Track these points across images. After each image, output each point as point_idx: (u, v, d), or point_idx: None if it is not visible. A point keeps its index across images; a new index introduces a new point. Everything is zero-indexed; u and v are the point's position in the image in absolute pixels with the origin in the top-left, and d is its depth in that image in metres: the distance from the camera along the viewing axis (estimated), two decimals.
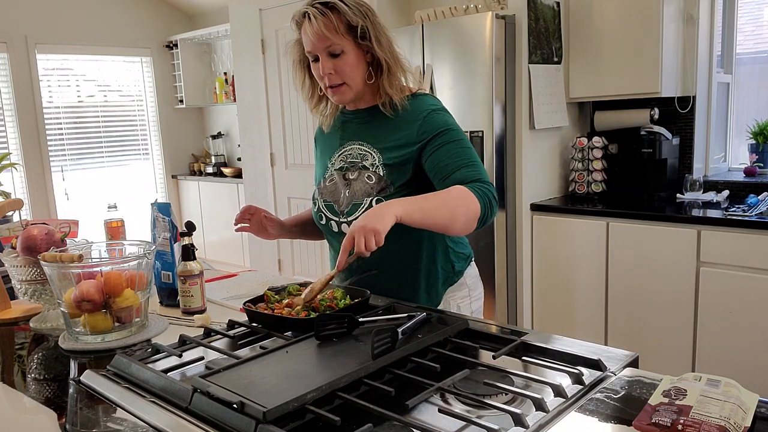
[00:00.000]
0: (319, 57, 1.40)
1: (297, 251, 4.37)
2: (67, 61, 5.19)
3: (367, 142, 1.48)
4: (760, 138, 3.12)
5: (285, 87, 4.18)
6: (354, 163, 1.49)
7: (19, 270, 1.43)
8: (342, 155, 1.52)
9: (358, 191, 1.45)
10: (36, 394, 1.08)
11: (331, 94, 1.45)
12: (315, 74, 1.45)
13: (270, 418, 0.81)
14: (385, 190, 1.42)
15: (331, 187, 1.52)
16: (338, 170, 1.51)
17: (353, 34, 1.38)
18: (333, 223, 1.50)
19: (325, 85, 1.44)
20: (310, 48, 1.40)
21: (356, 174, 1.47)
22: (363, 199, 1.44)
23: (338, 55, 1.39)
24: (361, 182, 1.45)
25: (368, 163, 1.46)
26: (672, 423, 0.80)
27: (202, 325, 1.35)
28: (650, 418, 0.82)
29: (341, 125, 1.55)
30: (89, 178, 5.38)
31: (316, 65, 1.43)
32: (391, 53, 1.43)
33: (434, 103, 1.48)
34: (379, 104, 1.46)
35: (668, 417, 0.81)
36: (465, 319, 1.19)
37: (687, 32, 3.03)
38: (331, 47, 1.38)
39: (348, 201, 1.47)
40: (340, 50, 1.39)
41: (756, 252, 2.44)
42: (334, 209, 1.50)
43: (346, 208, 1.47)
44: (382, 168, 1.44)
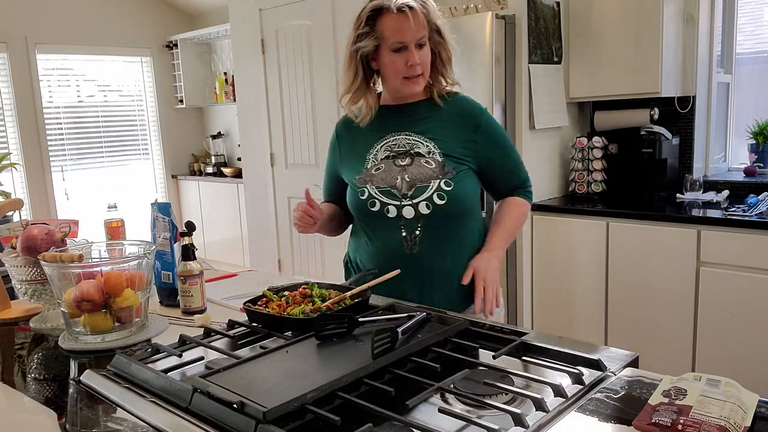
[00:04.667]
0: (407, 47, 1.47)
1: (297, 251, 4.37)
2: (67, 61, 5.19)
3: (416, 133, 1.55)
4: (760, 138, 3.12)
5: (285, 87, 4.18)
6: (403, 151, 1.54)
7: (19, 270, 1.42)
8: (386, 146, 1.56)
9: (420, 175, 1.50)
10: (36, 394, 1.08)
11: (408, 84, 1.52)
12: (394, 65, 1.49)
13: (270, 418, 0.81)
14: (448, 174, 1.51)
15: (381, 175, 1.53)
16: (385, 159, 1.55)
17: (431, 28, 1.51)
18: (391, 208, 1.51)
19: (404, 76, 1.50)
20: (403, 38, 1.46)
21: (408, 160, 1.52)
22: (429, 182, 1.49)
23: (422, 47, 1.50)
24: (420, 167, 1.51)
25: (423, 151, 1.53)
26: (672, 423, 0.80)
27: (202, 325, 1.35)
28: (650, 417, 0.82)
29: (380, 119, 1.59)
30: (89, 178, 5.38)
31: (399, 56, 1.48)
32: (450, 49, 1.56)
33: (477, 102, 1.63)
34: (431, 97, 1.57)
35: (668, 417, 0.81)
36: (465, 319, 1.19)
37: (687, 32, 3.03)
38: (423, 38, 1.49)
39: (409, 185, 1.50)
40: (425, 42, 1.50)
41: (756, 252, 2.44)
42: (393, 194, 1.51)
43: (408, 191, 1.50)
44: (440, 155, 1.52)
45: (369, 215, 1.55)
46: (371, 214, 1.54)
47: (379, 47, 1.50)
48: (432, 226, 1.51)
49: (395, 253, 1.52)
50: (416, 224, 1.50)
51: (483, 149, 1.55)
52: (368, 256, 1.59)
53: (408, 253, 1.51)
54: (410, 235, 1.51)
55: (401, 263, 1.48)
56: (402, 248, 1.51)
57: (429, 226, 1.50)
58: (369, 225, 1.58)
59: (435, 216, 1.49)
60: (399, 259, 1.50)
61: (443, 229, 1.52)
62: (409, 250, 1.51)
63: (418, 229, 1.51)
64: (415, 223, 1.50)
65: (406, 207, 1.50)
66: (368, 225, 1.58)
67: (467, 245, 1.57)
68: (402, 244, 1.51)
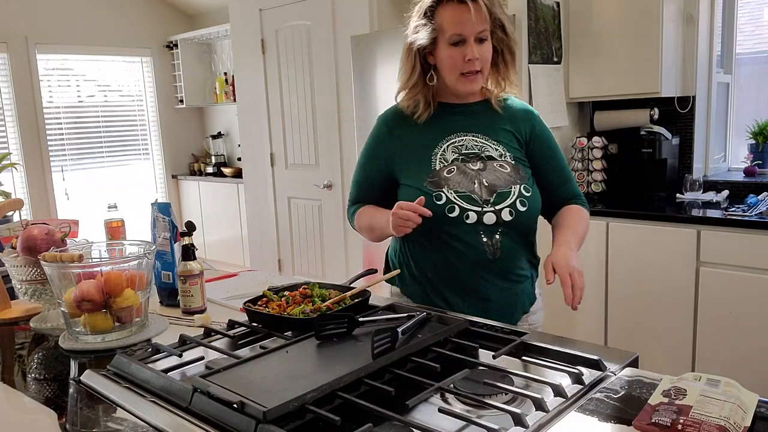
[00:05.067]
0: (466, 41, 1.40)
1: (297, 251, 4.37)
2: (67, 61, 5.19)
3: (482, 134, 1.49)
4: (760, 138, 3.12)
5: (285, 87, 4.18)
6: (474, 154, 1.47)
7: (20, 270, 1.43)
8: (452, 146, 1.48)
9: (498, 180, 1.44)
10: (36, 394, 1.08)
11: (465, 81, 1.44)
12: (451, 60, 1.42)
13: (270, 418, 0.81)
14: (525, 178, 1.47)
15: (457, 178, 1.44)
16: (456, 161, 1.46)
17: (492, 24, 1.42)
18: (471, 214, 1.42)
19: (460, 72, 1.43)
20: (462, 30, 1.39)
21: (481, 164, 1.45)
22: (510, 187, 1.43)
23: (483, 42, 1.42)
24: (495, 172, 1.45)
25: (494, 154, 1.47)
26: (672, 423, 0.80)
27: (202, 325, 1.35)
28: (650, 417, 0.82)
29: (440, 117, 1.51)
30: (89, 178, 5.38)
31: (457, 50, 1.41)
32: (514, 47, 1.48)
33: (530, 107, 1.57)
34: (491, 98, 1.51)
35: (668, 417, 0.81)
36: (465, 319, 1.19)
37: (687, 32, 3.03)
38: (484, 32, 1.41)
39: (489, 190, 1.43)
40: (486, 37, 1.42)
41: (756, 252, 2.44)
42: (473, 199, 1.42)
43: (489, 197, 1.43)
44: (511, 158, 1.47)
45: (444, 221, 1.42)
46: (447, 220, 1.42)
47: (436, 40, 1.42)
48: (511, 231, 1.44)
49: (477, 259, 1.44)
50: (496, 230, 1.43)
51: (539, 155, 1.51)
52: (441, 264, 1.47)
53: (491, 258, 1.44)
54: (491, 240, 1.43)
55: (484, 269, 1.44)
56: (485, 254, 1.43)
57: (508, 231, 1.44)
58: (441, 231, 1.44)
59: (515, 222, 1.43)
60: (481, 266, 1.44)
61: (520, 233, 1.47)
62: (492, 255, 1.43)
63: (498, 234, 1.43)
64: (495, 229, 1.43)
65: (488, 213, 1.42)
66: (440, 231, 1.44)
67: (535, 249, 1.56)
68: (485, 250, 1.43)
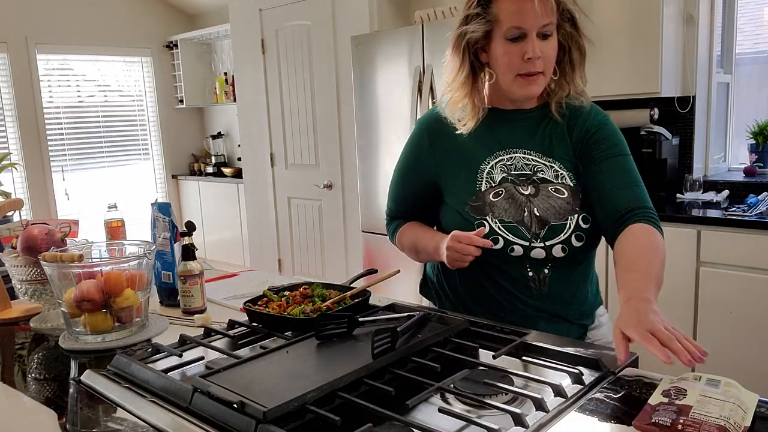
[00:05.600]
0: (526, 36, 1.19)
1: (297, 251, 4.37)
2: (67, 61, 5.20)
3: (535, 151, 1.29)
4: (760, 138, 3.12)
5: (285, 87, 4.18)
6: (524, 176, 1.27)
7: (20, 270, 1.43)
8: (501, 164, 1.28)
9: (551, 210, 1.24)
10: (36, 394, 1.08)
11: (523, 84, 1.22)
12: (507, 57, 1.20)
13: (270, 418, 0.81)
14: (584, 206, 1.25)
15: (503, 204, 1.25)
16: (504, 182, 1.27)
17: (560, 17, 1.22)
18: (517, 247, 1.24)
19: (518, 73, 1.21)
20: (523, 23, 1.18)
21: (532, 189, 1.26)
22: (565, 218, 1.23)
23: (547, 38, 1.20)
24: (549, 199, 1.25)
25: (549, 175, 1.26)
26: (672, 423, 0.80)
27: (202, 324, 1.35)
28: (650, 417, 0.82)
29: (488, 126, 1.31)
30: (89, 178, 5.38)
31: (515, 46, 1.19)
32: (585, 43, 1.25)
33: (602, 111, 1.32)
34: (551, 103, 1.28)
35: (668, 417, 0.81)
36: (465, 319, 1.19)
37: (687, 32, 3.03)
38: (549, 26, 1.19)
39: (540, 222, 1.23)
40: (551, 32, 1.20)
41: (756, 252, 2.44)
42: (520, 232, 1.24)
43: (539, 230, 1.23)
44: (571, 179, 1.26)
45: (487, 251, 1.23)
46: (490, 251, 1.24)
47: (491, 34, 1.22)
48: (563, 266, 1.27)
49: (521, 295, 1.28)
50: (545, 265, 1.26)
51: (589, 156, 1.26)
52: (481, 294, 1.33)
53: (536, 294, 1.28)
54: (538, 276, 1.26)
55: (527, 306, 1.28)
56: (530, 289, 1.27)
57: (559, 266, 1.27)
58: (483, 261, 1.25)
59: (569, 258, 1.25)
60: (523, 302, 1.28)
61: (574, 267, 1.29)
62: (537, 291, 1.27)
63: (547, 269, 1.26)
64: (544, 264, 1.26)
65: (536, 249, 1.24)
66: (482, 260, 1.24)
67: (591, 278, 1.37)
68: (530, 285, 1.27)
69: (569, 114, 1.30)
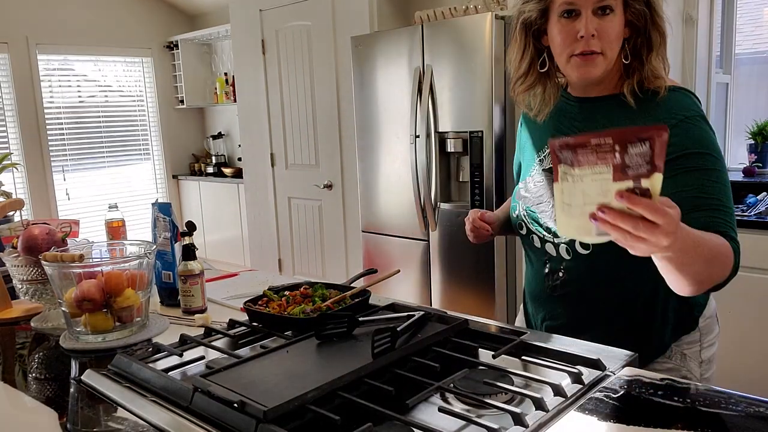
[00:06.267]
0: (581, 12, 1.09)
1: (297, 251, 4.38)
2: (67, 62, 5.20)
3: None
4: (759, 138, 3.12)
5: (285, 87, 4.18)
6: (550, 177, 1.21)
7: (20, 270, 1.43)
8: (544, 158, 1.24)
9: None
10: (37, 394, 1.08)
11: (579, 64, 1.11)
12: (561, 36, 1.11)
13: (270, 417, 0.82)
14: None
15: (536, 191, 1.22)
16: (547, 171, 1.23)
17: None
18: (535, 238, 1.22)
19: (572, 52, 1.11)
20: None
21: None
22: None
23: (606, 14, 1.09)
24: None
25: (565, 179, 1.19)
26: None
27: (202, 324, 1.35)
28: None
29: (557, 114, 1.24)
30: (90, 178, 5.39)
31: (568, 24, 1.10)
32: (663, 26, 1.12)
33: (693, 106, 1.12)
34: (624, 91, 1.13)
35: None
36: (465, 319, 1.19)
37: (686, 32, 3.03)
38: (606, 1, 1.08)
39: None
40: (611, 8, 1.09)
41: (755, 252, 2.44)
42: (540, 222, 1.21)
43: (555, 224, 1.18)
44: None
45: (519, 235, 1.26)
46: (520, 236, 1.26)
47: (547, 14, 1.13)
48: (578, 273, 1.18)
49: (536, 288, 1.26)
50: (560, 265, 1.19)
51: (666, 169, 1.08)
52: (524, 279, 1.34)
53: (548, 294, 1.23)
54: (552, 275, 1.21)
55: (540, 303, 1.24)
56: (543, 286, 1.23)
57: (574, 272, 1.18)
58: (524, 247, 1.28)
59: (579, 264, 1.17)
60: (538, 298, 1.25)
61: (593, 282, 1.18)
62: (549, 290, 1.22)
63: (561, 272, 1.20)
64: (558, 264, 1.19)
65: (549, 243, 1.20)
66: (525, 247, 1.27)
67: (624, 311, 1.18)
68: (544, 282, 1.23)
69: (644, 104, 1.13)
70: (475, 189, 2.99)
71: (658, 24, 1.12)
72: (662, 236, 0.78)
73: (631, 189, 0.77)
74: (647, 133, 0.74)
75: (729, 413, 0.86)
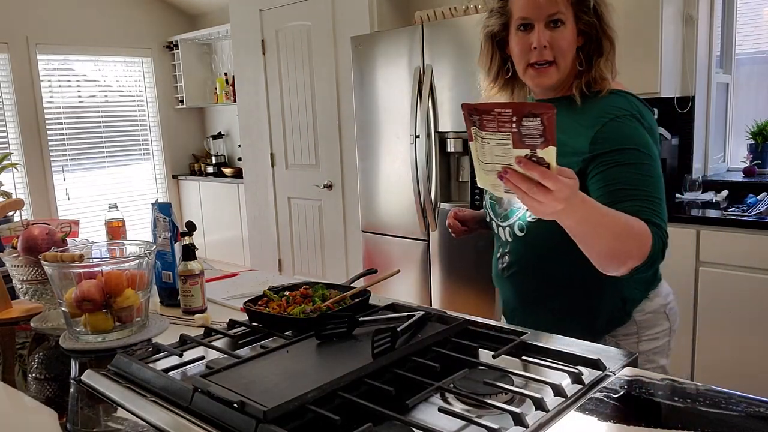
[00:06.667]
0: (534, 25, 1.20)
1: (297, 251, 4.38)
2: (67, 62, 5.20)
3: None
4: (759, 138, 3.12)
5: (285, 87, 4.18)
6: None
7: (20, 270, 1.43)
8: None
9: None
10: (37, 394, 1.08)
11: (533, 75, 1.23)
12: (518, 48, 1.23)
13: (270, 418, 0.82)
14: None
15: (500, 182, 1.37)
16: None
17: (579, 5, 1.20)
18: (494, 224, 1.36)
19: (528, 62, 1.22)
20: (528, 13, 1.20)
21: None
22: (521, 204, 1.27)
23: (558, 27, 1.19)
24: None
25: None
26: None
27: (202, 324, 1.35)
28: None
29: None
30: (90, 178, 5.39)
31: (524, 36, 1.21)
32: (612, 35, 1.22)
33: (627, 105, 1.21)
34: (573, 92, 1.23)
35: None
36: (465, 319, 1.19)
37: (686, 32, 3.03)
38: (557, 15, 1.18)
39: (508, 204, 1.30)
40: (562, 20, 1.19)
41: (755, 252, 2.44)
42: (495, 209, 1.35)
43: (503, 211, 1.30)
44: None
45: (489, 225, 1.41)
46: (489, 225, 1.41)
47: (509, 27, 1.25)
48: (519, 254, 1.29)
49: (495, 272, 1.39)
50: (506, 248, 1.32)
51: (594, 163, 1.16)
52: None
53: (501, 277, 1.36)
54: (502, 258, 1.34)
55: (499, 286, 1.38)
56: (498, 269, 1.37)
57: (515, 254, 1.30)
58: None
59: (521, 248, 1.28)
60: (497, 282, 1.38)
61: (532, 265, 1.29)
62: (501, 273, 1.35)
63: (507, 255, 1.32)
64: (505, 247, 1.32)
65: (500, 228, 1.33)
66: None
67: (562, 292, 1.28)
68: (498, 265, 1.36)
69: (587, 103, 1.22)
70: (475, 189, 2.99)
71: (608, 33, 1.22)
72: (554, 201, 0.90)
73: (529, 156, 0.88)
74: (538, 110, 0.84)
75: (729, 413, 0.86)
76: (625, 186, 1.12)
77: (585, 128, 1.19)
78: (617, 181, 1.13)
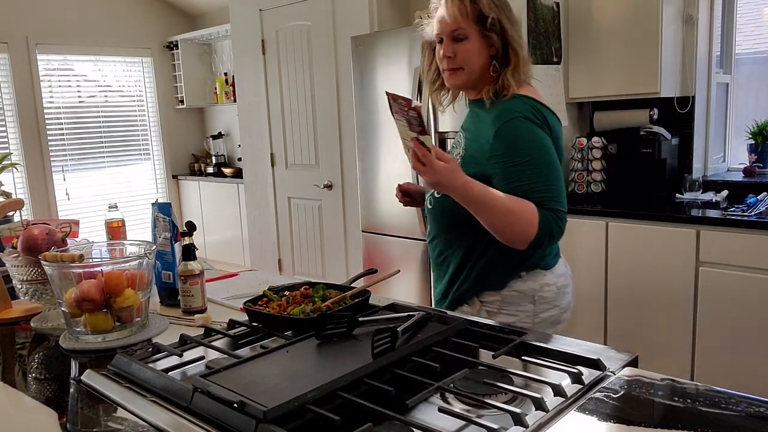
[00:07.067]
0: (444, 39, 1.47)
1: (297, 251, 4.38)
2: (67, 62, 5.20)
3: (466, 131, 1.55)
4: (759, 138, 3.12)
5: (285, 87, 4.18)
6: (453, 151, 1.57)
7: (20, 270, 1.43)
8: (456, 139, 1.61)
9: None
10: (37, 394, 1.08)
11: (446, 77, 1.51)
12: (436, 56, 1.51)
13: (270, 418, 0.82)
14: None
15: None
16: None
17: (482, 24, 1.43)
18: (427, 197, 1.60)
19: (443, 68, 1.50)
20: (438, 30, 1.48)
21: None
22: None
23: (461, 41, 1.45)
24: None
25: (455, 153, 1.54)
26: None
27: (202, 324, 1.35)
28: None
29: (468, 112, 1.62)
30: (90, 178, 5.39)
31: (439, 47, 1.50)
32: (518, 49, 1.45)
33: (521, 108, 1.41)
34: (483, 96, 1.47)
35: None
36: (465, 319, 1.19)
37: (686, 32, 3.03)
38: (459, 31, 1.44)
39: None
40: (464, 36, 1.44)
41: (755, 252, 2.44)
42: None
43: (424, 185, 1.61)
44: (459, 157, 1.51)
45: None
46: None
47: None
48: (432, 226, 1.58)
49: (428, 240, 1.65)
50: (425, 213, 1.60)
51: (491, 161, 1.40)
52: None
53: (427, 240, 1.63)
54: (425, 221, 1.66)
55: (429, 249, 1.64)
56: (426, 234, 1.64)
57: (431, 224, 1.58)
58: None
59: (431, 218, 1.56)
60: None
61: (436, 233, 1.57)
62: (427, 238, 1.62)
63: (426, 218, 1.61)
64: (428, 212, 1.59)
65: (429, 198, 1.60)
66: None
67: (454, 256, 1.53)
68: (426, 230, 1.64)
69: (493, 106, 1.45)
70: None
71: (513, 46, 1.44)
72: (427, 174, 1.27)
73: (416, 138, 1.25)
74: (411, 105, 1.21)
75: (729, 413, 0.86)
76: (523, 182, 1.36)
77: (489, 126, 1.43)
78: (516, 179, 1.37)
